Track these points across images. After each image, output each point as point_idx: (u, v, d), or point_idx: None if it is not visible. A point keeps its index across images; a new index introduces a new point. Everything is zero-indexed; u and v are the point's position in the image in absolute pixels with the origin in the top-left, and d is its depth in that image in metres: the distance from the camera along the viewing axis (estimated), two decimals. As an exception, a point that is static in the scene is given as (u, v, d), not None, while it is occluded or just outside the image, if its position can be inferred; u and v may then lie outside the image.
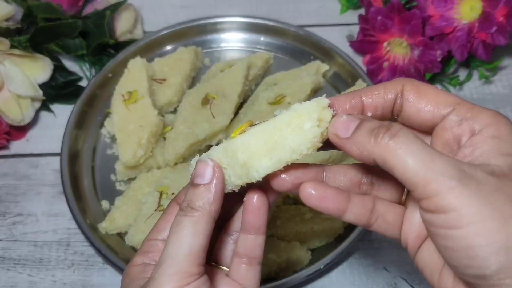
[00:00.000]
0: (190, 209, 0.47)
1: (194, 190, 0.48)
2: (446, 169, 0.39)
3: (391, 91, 0.48)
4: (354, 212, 0.48)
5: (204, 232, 0.47)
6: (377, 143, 0.42)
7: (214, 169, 0.48)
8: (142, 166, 0.89)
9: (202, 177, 0.48)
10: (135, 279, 0.49)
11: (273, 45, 1.06)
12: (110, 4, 1.02)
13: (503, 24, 0.90)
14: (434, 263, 0.46)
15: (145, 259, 0.51)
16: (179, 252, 0.46)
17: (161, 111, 0.95)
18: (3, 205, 0.89)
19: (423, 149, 0.40)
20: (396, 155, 0.41)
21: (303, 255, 0.80)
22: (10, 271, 0.83)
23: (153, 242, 0.52)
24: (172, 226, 0.48)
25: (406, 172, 0.40)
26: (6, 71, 0.92)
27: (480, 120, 0.43)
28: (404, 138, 0.41)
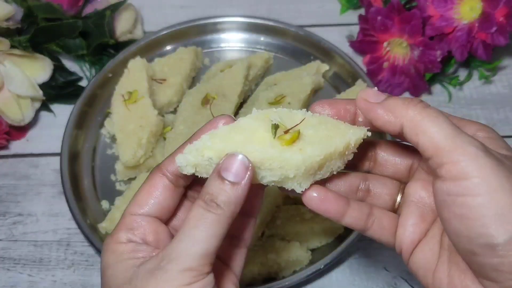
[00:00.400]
0: (215, 205, 0.45)
1: (221, 185, 0.45)
2: (472, 141, 0.42)
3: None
4: (353, 216, 0.51)
5: (223, 233, 0.45)
6: (411, 108, 0.44)
7: (248, 170, 0.45)
8: (142, 166, 0.89)
9: (234, 175, 0.45)
10: (125, 258, 0.47)
11: (273, 45, 1.06)
12: (110, 4, 1.02)
13: (503, 24, 0.91)
14: (428, 264, 0.48)
15: (130, 236, 0.49)
16: (196, 250, 0.44)
17: (161, 111, 0.95)
18: (3, 205, 0.89)
19: (450, 123, 0.43)
20: (429, 120, 0.43)
21: (303, 255, 0.80)
22: (10, 271, 0.83)
23: (136, 218, 0.50)
24: (192, 217, 0.45)
25: (436, 136, 0.42)
26: (6, 71, 0.92)
27: (470, 128, 0.47)
28: (434, 111, 0.44)
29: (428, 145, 0.43)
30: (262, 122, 0.49)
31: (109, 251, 0.49)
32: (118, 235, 0.49)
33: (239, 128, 0.49)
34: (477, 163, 0.40)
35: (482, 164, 0.40)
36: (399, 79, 0.99)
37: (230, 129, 0.48)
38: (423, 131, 0.43)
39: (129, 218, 0.50)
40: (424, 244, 0.50)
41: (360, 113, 0.51)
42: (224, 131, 0.48)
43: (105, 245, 0.50)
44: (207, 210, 0.45)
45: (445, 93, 1.02)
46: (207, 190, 0.46)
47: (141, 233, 0.49)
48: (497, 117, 0.99)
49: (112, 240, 0.49)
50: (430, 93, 1.02)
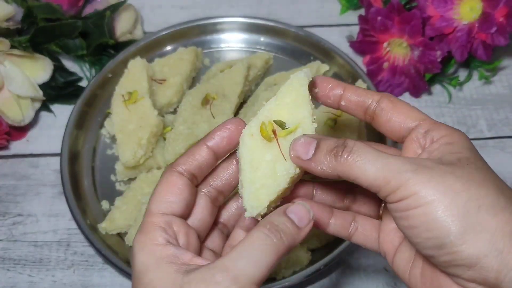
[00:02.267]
0: (280, 236, 0.47)
1: (285, 221, 0.48)
2: (400, 166, 0.45)
3: (369, 97, 0.54)
4: (337, 224, 0.55)
5: (275, 266, 0.47)
6: (338, 161, 0.47)
7: (310, 222, 0.49)
8: (142, 167, 0.89)
9: (298, 219, 0.48)
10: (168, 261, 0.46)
11: (273, 45, 1.06)
12: (110, 4, 1.02)
13: (503, 25, 0.91)
14: (405, 263, 0.52)
15: (167, 237, 0.48)
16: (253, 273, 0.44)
17: (161, 111, 0.95)
18: (3, 205, 0.89)
19: (377, 156, 0.46)
20: (356, 167, 0.46)
21: (303, 255, 0.80)
22: (10, 272, 0.83)
23: (164, 217, 0.50)
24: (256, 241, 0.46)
25: (368, 179, 0.46)
26: (6, 71, 0.92)
27: (439, 132, 0.49)
28: (359, 151, 0.47)
29: (368, 186, 0.46)
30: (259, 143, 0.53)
31: (146, 252, 0.47)
32: (154, 234, 0.48)
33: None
34: (409, 184, 0.44)
35: (414, 183, 0.44)
36: (399, 80, 0.99)
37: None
38: (356, 176, 0.46)
39: (158, 218, 0.50)
40: (402, 247, 0.53)
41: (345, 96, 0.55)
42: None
43: (139, 243, 0.48)
44: (271, 238, 0.46)
45: (445, 93, 1.02)
46: (272, 220, 0.48)
47: (173, 234, 0.49)
48: (497, 117, 0.99)
49: (147, 239, 0.48)
50: (430, 94, 1.02)
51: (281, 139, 0.52)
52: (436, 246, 0.44)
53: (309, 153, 0.49)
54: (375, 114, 0.53)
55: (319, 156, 0.48)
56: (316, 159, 0.49)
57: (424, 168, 0.45)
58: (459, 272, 0.44)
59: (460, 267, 0.43)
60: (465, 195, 0.43)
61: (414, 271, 0.51)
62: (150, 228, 0.49)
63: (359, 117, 0.55)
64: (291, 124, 0.52)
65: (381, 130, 0.54)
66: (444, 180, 0.44)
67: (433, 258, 0.45)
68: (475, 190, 0.44)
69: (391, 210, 0.47)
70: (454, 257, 0.43)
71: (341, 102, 0.55)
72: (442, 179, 0.44)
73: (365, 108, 0.54)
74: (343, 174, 0.47)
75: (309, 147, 0.49)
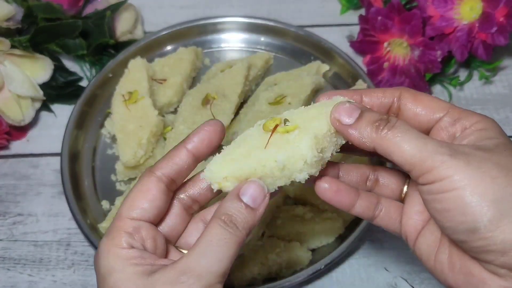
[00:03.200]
0: (235, 227, 0.47)
1: (239, 208, 0.48)
2: (437, 148, 0.45)
3: (389, 95, 0.54)
4: (362, 206, 0.55)
5: (236, 255, 0.47)
6: (378, 134, 0.47)
7: (265, 197, 0.49)
8: (142, 166, 0.89)
9: (251, 199, 0.48)
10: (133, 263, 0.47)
11: (273, 45, 1.06)
12: (111, 4, 1.02)
13: (504, 25, 0.90)
14: (430, 248, 0.51)
15: (131, 241, 0.49)
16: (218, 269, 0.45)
17: (161, 111, 0.95)
18: (3, 205, 0.89)
19: (417, 135, 0.46)
20: (395, 143, 0.46)
21: (303, 255, 0.80)
22: (10, 271, 0.83)
23: (134, 223, 0.50)
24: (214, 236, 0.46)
25: (403, 156, 0.46)
26: (7, 71, 0.92)
27: (470, 119, 0.50)
28: (400, 128, 0.47)
29: (402, 163, 0.46)
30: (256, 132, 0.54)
31: (111, 255, 0.48)
32: (119, 240, 0.49)
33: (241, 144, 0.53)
34: (445, 166, 0.44)
35: (449, 166, 0.44)
36: (400, 79, 0.99)
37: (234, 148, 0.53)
38: (393, 151, 0.47)
39: (126, 222, 0.50)
40: (426, 230, 0.52)
41: (366, 102, 0.54)
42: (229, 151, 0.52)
43: (104, 246, 0.49)
44: (228, 231, 0.47)
45: (445, 93, 1.02)
46: (225, 210, 0.48)
47: (140, 239, 0.49)
48: (497, 117, 0.99)
49: (112, 243, 0.48)
50: (431, 93, 1.02)
51: (277, 135, 0.52)
52: (469, 231, 0.43)
53: (352, 118, 0.49)
54: (400, 110, 0.53)
55: (361, 124, 0.49)
56: (357, 127, 0.49)
57: (461, 154, 0.45)
58: (492, 258, 0.44)
59: (493, 252, 0.43)
60: (502, 181, 0.43)
61: (441, 257, 0.50)
62: (116, 233, 0.49)
63: None
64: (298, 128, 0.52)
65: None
66: (481, 166, 0.44)
67: (465, 243, 0.45)
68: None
69: (422, 192, 0.47)
70: (487, 242, 0.43)
71: None
72: (478, 165, 0.44)
73: (388, 108, 0.54)
74: (380, 147, 0.47)
75: (353, 113, 0.49)
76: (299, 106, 0.89)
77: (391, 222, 0.56)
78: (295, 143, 0.50)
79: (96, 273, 0.49)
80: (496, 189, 0.43)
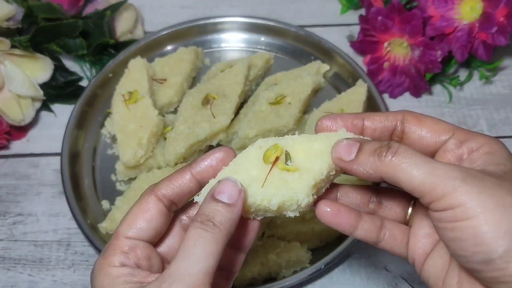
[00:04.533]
0: (212, 224, 0.46)
1: (216, 206, 0.47)
2: (448, 173, 0.43)
3: (392, 119, 0.52)
4: (365, 229, 0.53)
5: (220, 252, 0.46)
6: (382, 161, 0.46)
7: (241, 192, 0.48)
8: (142, 166, 0.89)
9: (227, 196, 0.48)
10: (122, 281, 0.47)
11: (274, 45, 1.06)
12: (111, 4, 1.02)
13: (504, 25, 0.90)
14: (438, 272, 0.50)
15: (124, 260, 0.49)
16: (198, 269, 0.44)
17: (161, 111, 0.95)
18: (4, 205, 0.89)
19: (424, 160, 0.45)
20: (402, 169, 0.45)
21: (304, 255, 0.80)
22: (10, 271, 0.83)
23: (129, 242, 0.50)
24: (191, 238, 0.46)
25: (413, 182, 0.44)
26: (7, 71, 0.92)
27: (477, 141, 0.49)
28: (405, 153, 0.45)
29: (411, 190, 0.45)
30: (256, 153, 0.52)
31: (102, 274, 0.49)
32: (112, 259, 0.49)
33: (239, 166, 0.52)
34: (458, 193, 0.43)
35: (462, 193, 0.42)
36: (400, 79, 0.99)
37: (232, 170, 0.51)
38: (401, 178, 0.45)
39: (122, 241, 0.50)
40: (435, 253, 0.51)
41: (368, 126, 0.53)
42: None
43: (98, 266, 0.50)
44: (204, 230, 0.46)
45: (445, 93, 1.02)
46: (203, 211, 0.47)
47: (135, 258, 0.50)
48: (497, 117, 0.99)
49: (105, 262, 0.49)
50: (431, 93, 1.02)
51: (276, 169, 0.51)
52: (484, 261, 0.43)
53: (352, 154, 0.48)
54: (404, 134, 0.51)
55: (362, 157, 0.48)
56: (359, 161, 0.48)
57: (473, 178, 0.43)
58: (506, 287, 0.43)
59: (507, 283, 0.42)
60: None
61: (450, 282, 0.49)
62: (111, 252, 0.50)
63: None
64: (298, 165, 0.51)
65: (413, 148, 0.52)
66: (494, 193, 0.43)
67: (478, 273, 0.44)
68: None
69: (435, 219, 0.45)
70: (502, 273, 0.42)
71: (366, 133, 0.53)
72: (491, 192, 0.43)
73: (391, 131, 0.52)
74: (386, 175, 0.46)
75: (352, 149, 0.48)
76: (299, 106, 0.91)
77: (397, 246, 0.54)
78: (293, 186, 0.50)
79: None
80: (510, 218, 0.42)
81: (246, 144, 0.89)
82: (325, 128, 0.53)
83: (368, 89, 0.95)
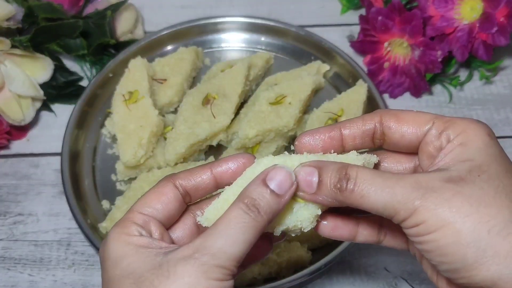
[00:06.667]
0: (257, 211, 0.46)
1: (264, 192, 0.46)
2: (407, 195, 0.44)
3: (369, 122, 0.51)
4: (365, 234, 0.54)
5: (255, 241, 0.46)
6: (343, 196, 0.46)
7: (292, 185, 0.47)
8: (142, 166, 0.89)
9: (278, 185, 0.47)
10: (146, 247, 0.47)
11: (274, 45, 1.06)
12: (111, 4, 1.02)
13: (504, 25, 0.90)
14: (431, 270, 0.52)
15: (141, 231, 0.49)
16: (233, 251, 0.45)
17: (161, 111, 0.95)
18: (4, 204, 0.89)
19: (383, 185, 0.45)
20: (363, 199, 0.45)
21: (303, 255, 0.80)
22: (10, 271, 0.83)
23: (144, 217, 0.50)
24: (233, 218, 0.45)
25: (377, 209, 0.45)
26: (7, 71, 0.92)
27: (454, 129, 0.48)
28: (364, 183, 0.45)
29: (379, 214, 0.46)
30: None
31: (122, 241, 0.48)
32: (129, 229, 0.49)
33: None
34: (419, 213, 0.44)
35: (422, 211, 0.44)
36: (400, 79, 0.99)
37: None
38: (366, 208, 0.46)
39: (137, 215, 0.50)
40: None
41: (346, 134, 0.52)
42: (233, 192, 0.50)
43: (114, 234, 0.48)
44: (248, 214, 0.46)
45: (445, 93, 1.02)
46: (249, 194, 0.47)
47: (149, 232, 0.49)
48: (497, 117, 0.99)
49: (122, 231, 0.48)
50: (431, 93, 1.02)
51: None
52: (451, 270, 0.44)
53: (313, 186, 0.48)
54: (385, 135, 0.51)
55: (323, 191, 0.48)
56: (321, 193, 0.48)
57: (431, 193, 0.44)
58: None
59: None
60: (474, 218, 0.43)
61: (441, 278, 0.50)
62: (127, 223, 0.49)
63: (369, 146, 0.53)
64: None
65: (398, 148, 0.52)
66: (452, 204, 0.43)
67: (451, 280, 0.46)
68: (484, 209, 0.43)
69: (407, 234, 0.46)
70: (469, 280, 0.43)
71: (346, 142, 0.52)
72: (449, 204, 0.43)
73: (371, 135, 0.52)
74: (352, 205, 0.46)
75: (312, 181, 0.48)
76: (299, 106, 0.91)
77: (398, 242, 0.55)
78: (297, 215, 0.50)
79: (103, 260, 0.48)
80: (468, 228, 0.42)
81: (246, 144, 0.89)
82: (305, 144, 0.52)
83: (368, 89, 0.95)
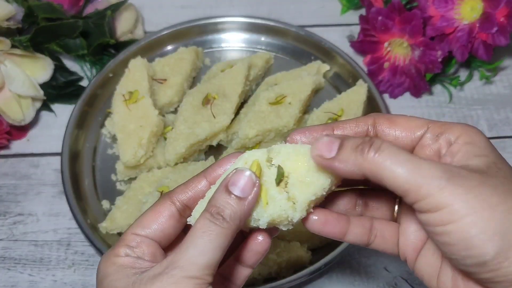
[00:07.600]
0: (221, 218, 0.46)
1: (227, 199, 0.47)
2: (433, 172, 0.42)
3: (362, 125, 0.51)
4: (355, 233, 0.52)
5: (226, 246, 0.46)
6: (364, 158, 0.44)
7: (255, 185, 0.47)
8: (142, 166, 0.89)
9: (240, 189, 0.47)
10: (126, 267, 0.48)
11: (274, 45, 1.06)
12: (111, 4, 1.02)
13: (504, 25, 0.90)
14: (431, 268, 0.49)
15: (129, 252, 0.50)
16: (201, 260, 0.45)
17: (161, 111, 0.95)
18: (4, 204, 0.90)
19: (408, 158, 0.43)
20: (385, 167, 0.43)
21: (303, 255, 0.80)
22: (10, 271, 0.83)
23: (136, 237, 0.51)
24: (199, 229, 0.46)
25: (396, 181, 0.43)
26: (7, 71, 0.92)
27: (453, 132, 0.47)
28: (388, 150, 0.44)
29: (395, 188, 0.43)
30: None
31: (108, 263, 0.49)
32: (119, 250, 0.50)
33: None
34: (444, 193, 0.41)
35: (448, 193, 0.41)
36: (400, 79, 0.99)
37: None
38: (384, 176, 0.43)
39: (130, 237, 0.51)
40: (426, 250, 0.50)
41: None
42: None
43: (104, 257, 0.51)
44: (213, 223, 0.46)
45: (445, 93, 1.02)
46: (213, 202, 0.47)
47: (140, 252, 0.50)
48: (497, 117, 0.99)
49: (111, 253, 0.50)
50: (431, 93, 1.02)
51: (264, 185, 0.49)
52: (476, 264, 0.42)
53: (333, 151, 0.46)
54: (378, 137, 0.50)
55: (344, 153, 0.46)
56: (341, 157, 0.46)
57: (459, 177, 0.42)
58: (499, 287, 0.43)
59: (501, 283, 0.42)
60: (503, 208, 0.41)
61: (444, 279, 0.48)
62: (118, 245, 0.51)
63: None
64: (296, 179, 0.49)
65: None
66: (481, 192, 0.41)
67: (473, 274, 0.44)
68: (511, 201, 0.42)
69: (423, 223, 0.44)
70: (495, 274, 0.42)
71: None
72: (478, 191, 0.41)
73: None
74: (370, 172, 0.44)
75: (332, 146, 0.46)
76: (299, 106, 0.91)
77: (388, 245, 0.53)
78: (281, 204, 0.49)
79: (96, 278, 0.51)
80: (498, 218, 0.41)
81: (246, 144, 0.89)
82: (296, 142, 0.52)
83: (368, 89, 0.95)
